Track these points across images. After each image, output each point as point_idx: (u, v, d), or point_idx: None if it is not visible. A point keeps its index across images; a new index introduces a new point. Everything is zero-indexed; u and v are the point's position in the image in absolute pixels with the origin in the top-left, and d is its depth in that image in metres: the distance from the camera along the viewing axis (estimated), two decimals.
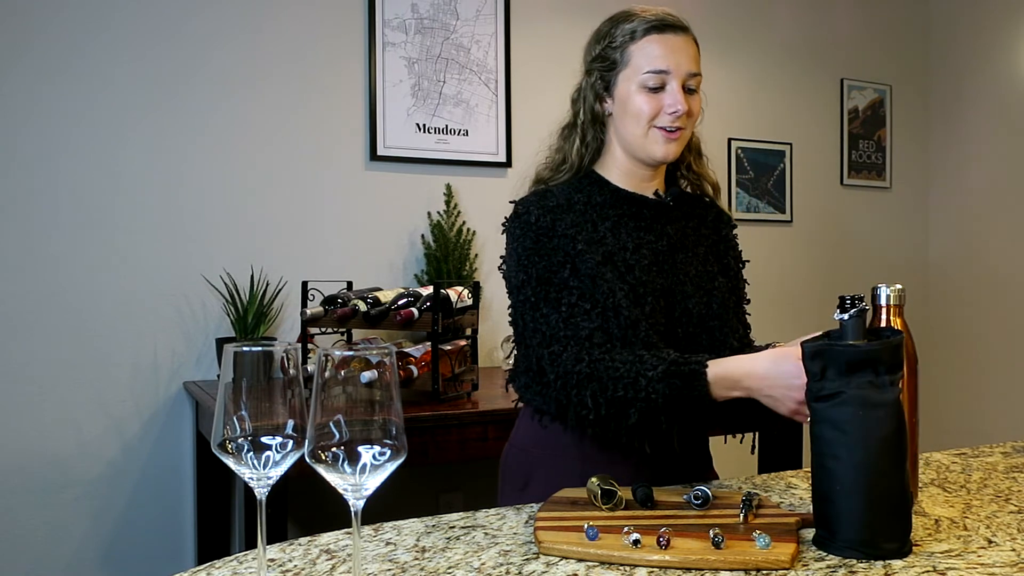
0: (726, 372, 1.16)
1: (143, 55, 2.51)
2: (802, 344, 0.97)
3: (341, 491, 0.78)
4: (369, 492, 0.78)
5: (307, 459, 0.77)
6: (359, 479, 0.77)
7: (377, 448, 0.77)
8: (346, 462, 0.76)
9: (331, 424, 0.76)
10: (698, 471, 1.40)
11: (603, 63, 1.36)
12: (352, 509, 0.78)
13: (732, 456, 2.47)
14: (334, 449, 0.76)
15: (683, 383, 1.16)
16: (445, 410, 2.01)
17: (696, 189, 1.47)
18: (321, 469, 0.77)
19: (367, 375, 0.78)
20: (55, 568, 2.39)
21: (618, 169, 1.39)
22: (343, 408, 0.76)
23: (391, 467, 0.78)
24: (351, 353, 0.78)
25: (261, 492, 0.82)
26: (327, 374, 0.77)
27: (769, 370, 1.12)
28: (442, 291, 2.10)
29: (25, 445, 2.36)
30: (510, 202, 1.38)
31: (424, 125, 2.87)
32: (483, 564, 0.91)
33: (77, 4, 2.44)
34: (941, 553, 0.93)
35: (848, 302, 0.95)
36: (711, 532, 0.92)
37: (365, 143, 2.81)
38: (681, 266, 1.36)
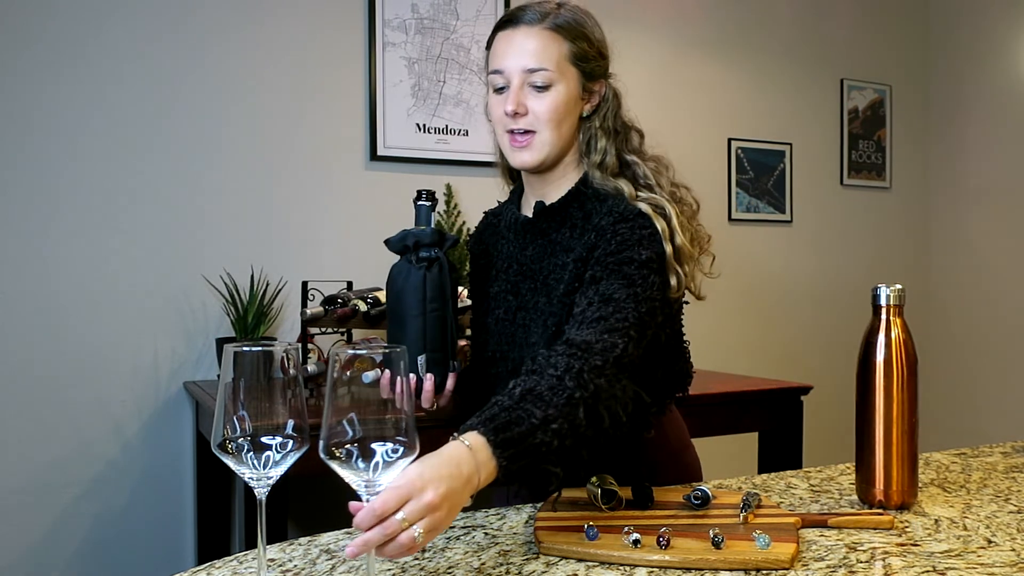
0: None
1: (142, 55, 2.51)
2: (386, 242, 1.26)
3: (355, 487, 0.80)
4: (382, 488, 0.79)
5: (321, 455, 0.80)
6: (372, 475, 0.79)
7: (390, 445, 0.79)
8: (359, 459, 0.78)
9: (344, 422, 0.79)
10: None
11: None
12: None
13: (732, 456, 2.47)
14: (347, 446, 0.79)
15: None
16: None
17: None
18: (335, 465, 0.79)
19: (370, 375, 0.80)
20: (55, 568, 2.39)
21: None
22: (356, 406, 0.79)
23: (403, 464, 0.80)
24: (366, 352, 0.80)
25: (261, 492, 0.82)
26: (339, 373, 0.80)
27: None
28: None
29: (25, 445, 2.36)
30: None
31: (424, 125, 2.87)
32: (483, 564, 0.91)
33: (76, 5, 2.44)
34: (941, 553, 0.93)
35: (424, 194, 1.26)
36: (711, 532, 0.92)
37: (365, 143, 2.81)
38: (535, 284, 1.23)
